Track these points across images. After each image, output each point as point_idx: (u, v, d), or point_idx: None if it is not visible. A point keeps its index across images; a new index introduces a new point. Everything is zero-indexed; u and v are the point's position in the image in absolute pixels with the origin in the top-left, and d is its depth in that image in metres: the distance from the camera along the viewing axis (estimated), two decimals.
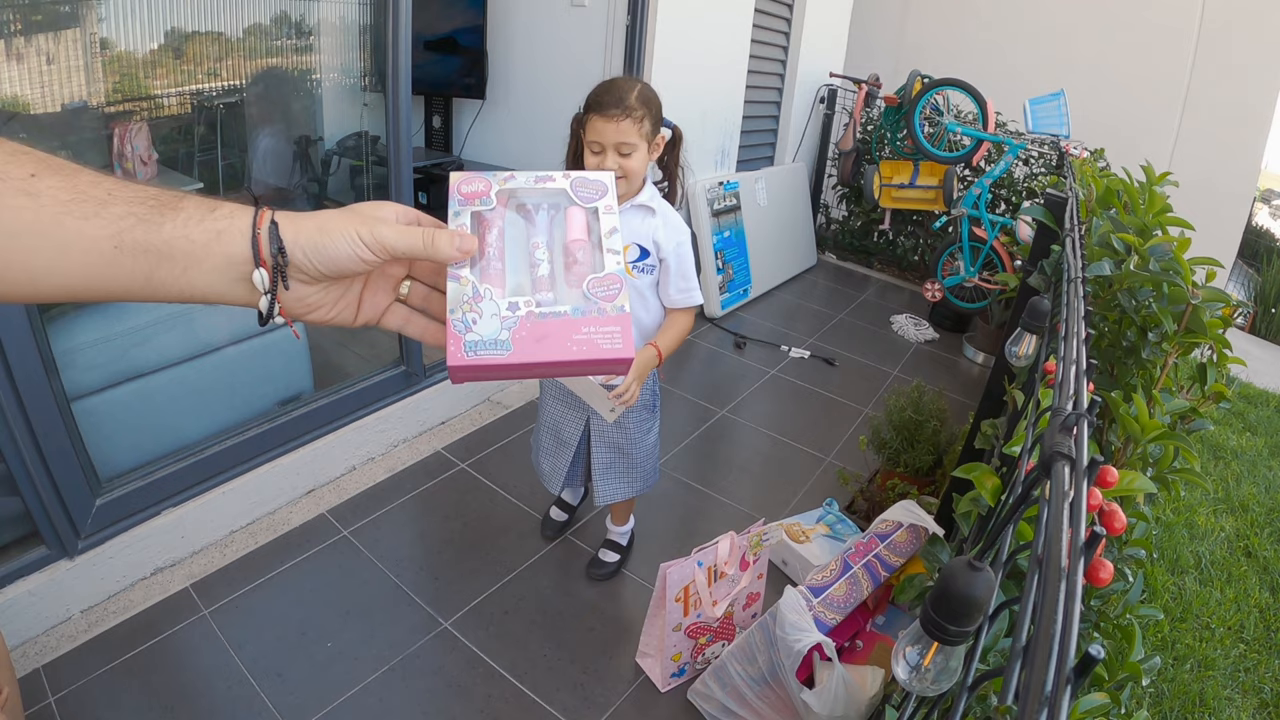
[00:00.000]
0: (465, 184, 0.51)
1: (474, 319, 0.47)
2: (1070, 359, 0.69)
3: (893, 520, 1.61)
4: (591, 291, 0.48)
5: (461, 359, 0.46)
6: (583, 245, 0.50)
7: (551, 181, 0.52)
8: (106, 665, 1.49)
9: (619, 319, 0.47)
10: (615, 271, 0.49)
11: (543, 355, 0.46)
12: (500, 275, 0.49)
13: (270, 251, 0.42)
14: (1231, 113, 4.24)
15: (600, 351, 0.46)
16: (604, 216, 0.51)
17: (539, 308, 0.48)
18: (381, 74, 2.06)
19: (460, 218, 0.50)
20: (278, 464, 1.95)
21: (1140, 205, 1.25)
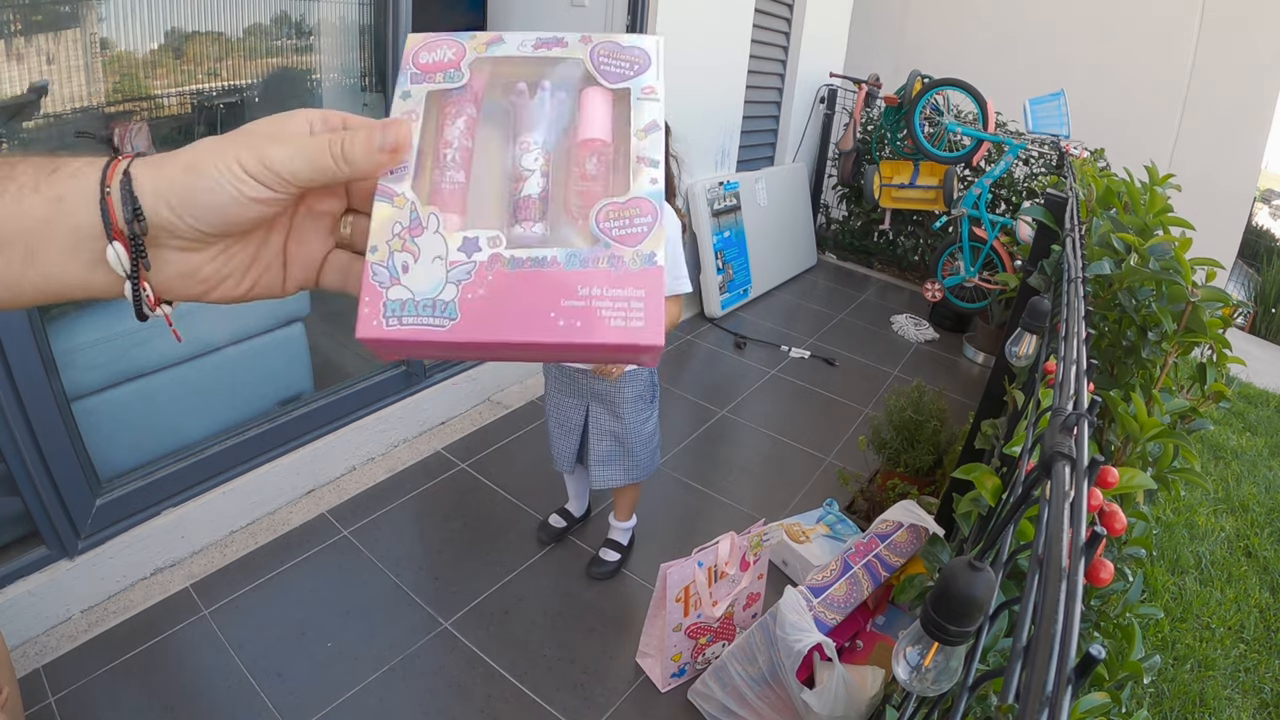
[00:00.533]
0: (426, 49, 0.35)
1: (405, 262, 0.31)
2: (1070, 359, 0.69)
3: (893, 520, 1.61)
4: (604, 226, 0.31)
5: (377, 328, 0.30)
6: (599, 150, 0.33)
7: (561, 46, 0.35)
8: (106, 665, 1.49)
9: (645, 277, 0.30)
10: (648, 195, 0.31)
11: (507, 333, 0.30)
12: (460, 193, 0.33)
13: (124, 215, 0.30)
14: (1231, 113, 4.24)
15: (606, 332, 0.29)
16: (640, 103, 0.33)
17: (512, 249, 0.31)
18: (381, 73, 2.06)
19: (410, 100, 0.34)
20: (278, 464, 1.95)
21: (1140, 205, 1.25)
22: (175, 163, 0.31)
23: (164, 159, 0.32)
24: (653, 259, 0.30)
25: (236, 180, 0.30)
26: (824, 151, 4.47)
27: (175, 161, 0.31)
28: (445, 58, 0.34)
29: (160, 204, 0.31)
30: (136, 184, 0.31)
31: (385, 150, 0.32)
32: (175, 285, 0.33)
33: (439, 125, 0.34)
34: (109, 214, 0.30)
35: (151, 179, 0.31)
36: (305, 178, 0.31)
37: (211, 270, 0.34)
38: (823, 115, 4.34)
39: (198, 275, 0.33)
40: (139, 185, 0.31)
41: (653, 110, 0.33)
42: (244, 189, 0.31)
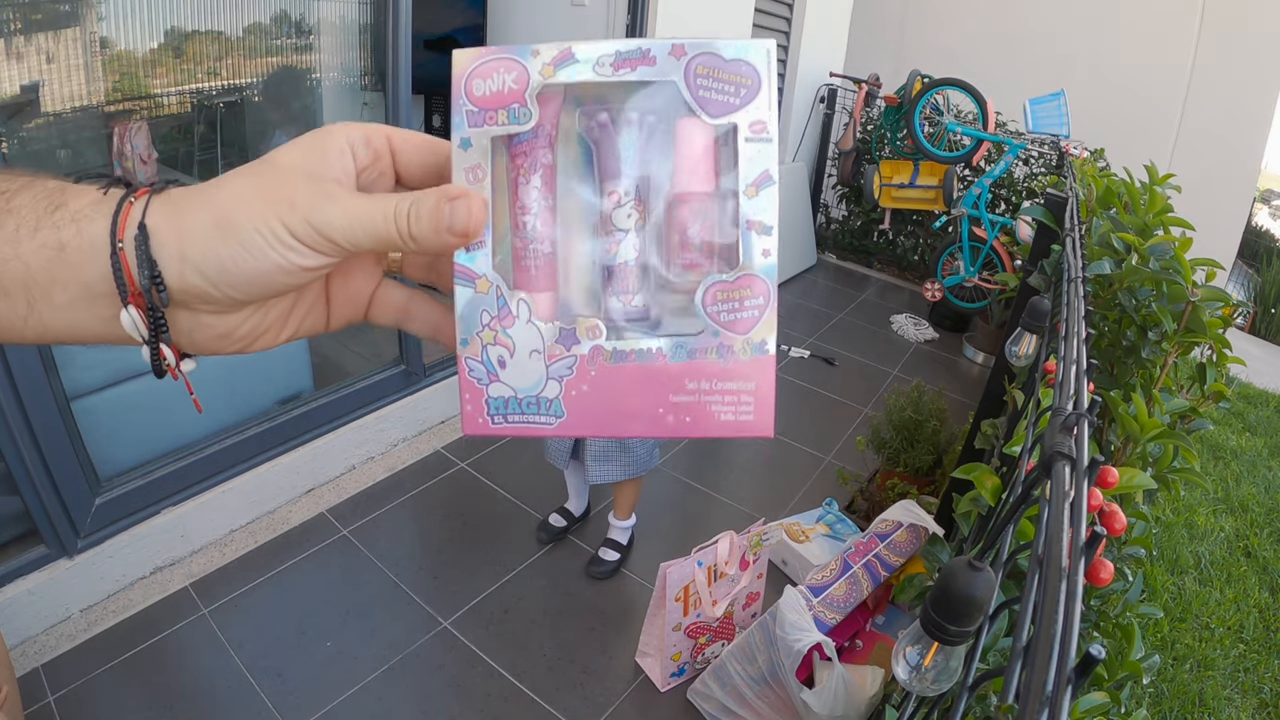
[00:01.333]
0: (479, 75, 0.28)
1: (501, 356, 0.28)
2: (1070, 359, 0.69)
3: (893, 520, 1.61)
4: (712, 310, 0.28)
5: (484, 425, 0.29)
6: (702, 209, 0.28)
7: (648, 64, 0.27)
8: (106, 664, 1.49)
9: (756, 367, 0.28)
10: (760, 272, 0.28)
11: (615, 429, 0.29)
12: (547, 268, 0.29)
13: (141, 279, 0.26)
14: (1231, 113, 4.24)
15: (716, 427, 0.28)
16: (749, 146, 0.27)
17: (613, 339, 0.28)
18: (381, 73, 2.06)
19: (471, 152, 0.28)
20: (277, 463, 1.94)
21: (1140, 205, 1.25)
22: (202, 215, 0.26)
23: (186, 205, 0.26)
24: (764, 347, 0.28)
25: (284, 248, 0.26)
26: (824, 151, 4.47)
27: (202, 213, 0.26)
28: (505, 87, 0.27)
29: (188, 270, 0.26)
30: (156, 240, 0.26)
31: (455, 234, 0.27)
32: (208, 344, 0.29)
33: (512, 182, 0.29)
34: (123, 274, 0.26)
35: (175, 236, 0.26)
36: (365, 246, 0.27)
37: (249, 328, 0.30)
38: (823, 115, 4.34)
39: (234, 335, 0.29)
40: (159, 242, 0.26)
41: (765, 156, 0.27)
42: (293, 257, 0.26)
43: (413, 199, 0.27)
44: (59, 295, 0.26)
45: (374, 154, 0.29)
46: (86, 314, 0.27)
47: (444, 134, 0.30)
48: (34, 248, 0.26)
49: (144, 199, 0.27)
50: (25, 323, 0.27)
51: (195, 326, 0.28)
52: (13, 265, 0.26)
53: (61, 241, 0.26)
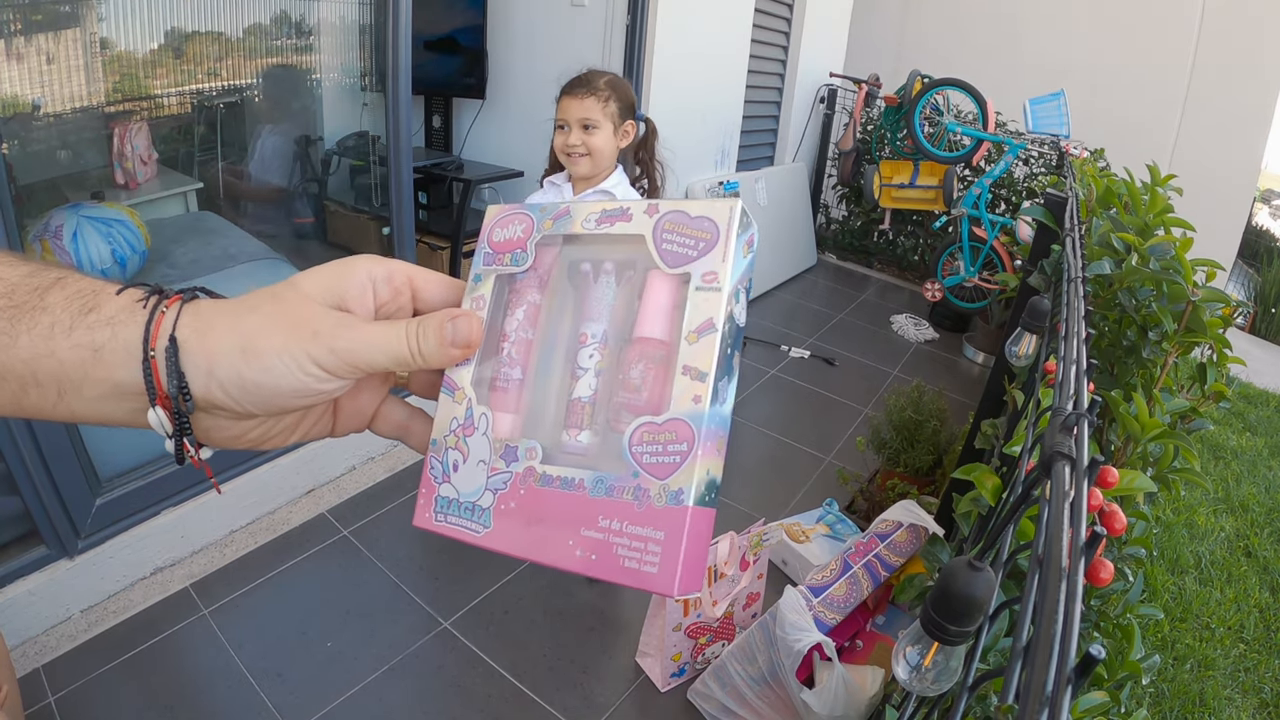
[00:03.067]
0: (501, 224, 0.33)
1: (455, 460, 0.31)
2: (1070, 359, 0.69)
3: (893, 520, 1.61)
4: (636, 450, 0.28)
5: (427, 521, 0.32)
6: (650, 354, 0.30)
7: (625, 220, 0.31)
8: (106, 665, 1.49)
9: (669, 517, 0.27)
10: (685, 417, 0.27)
11: (529, 552, 0.29)
12: (514, 392, 0.32)
13: (169, 388, 0.28)
14: (1231, 113, 4.24)
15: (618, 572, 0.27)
16: (697, 294, 0.29)
17: (546, 464, 0.30)
18: (381, 73, 2.06)
19: (480, 285, 0.33)
20: (277, 464, 1.95)
21: (1141, 205, 1.25)
22: (230, 339, 0.29)
23: (215, 323, 0.29)
24: (680, 497, 0.27)
25: (306, 375, 0.29)
26: (824, 151, 4.47)
27: (230, 337, 0.29)
28: (514, 235, 0.33)
29: (213, 385, 0.29)
30: (185, 354, 0.28)
31: (457, 346, 0.31)
32: (224, 443, 0.33)
33: (507, 312, 0.33)
34: (153, 380, 0.28)
35: (205, 355, 0.28)
36: (381, 367, 0.30)
37: (260, 433, 0.33)
38: (823, 115, 4.34)
39: (247, 437, 0.33)
40: (188, 356, 0.28)
41: (710, 304, 0.28)
42: (313, 383, 0.29)
43: (420, 321, 0.31)
44: (89, 390, 0.29)
45: (394, 291, 0.32)
46: (115, 406, 0.30)
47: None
48: (69, 346, 0.28)
49: (175, 307, 0.29)
50: (54, 408, 0.29)
51: (212, 427, 0.31)
52: (47, 362, 0.28)
53: (96, 344, 0.28)
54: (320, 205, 2.49)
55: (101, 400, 0.29)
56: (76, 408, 0.29)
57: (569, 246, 0.33)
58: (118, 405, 0.30)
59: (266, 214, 2.40)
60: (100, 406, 0.29)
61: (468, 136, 3.42)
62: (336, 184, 2.49)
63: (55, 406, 0.29)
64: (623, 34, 2.75)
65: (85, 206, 1.70)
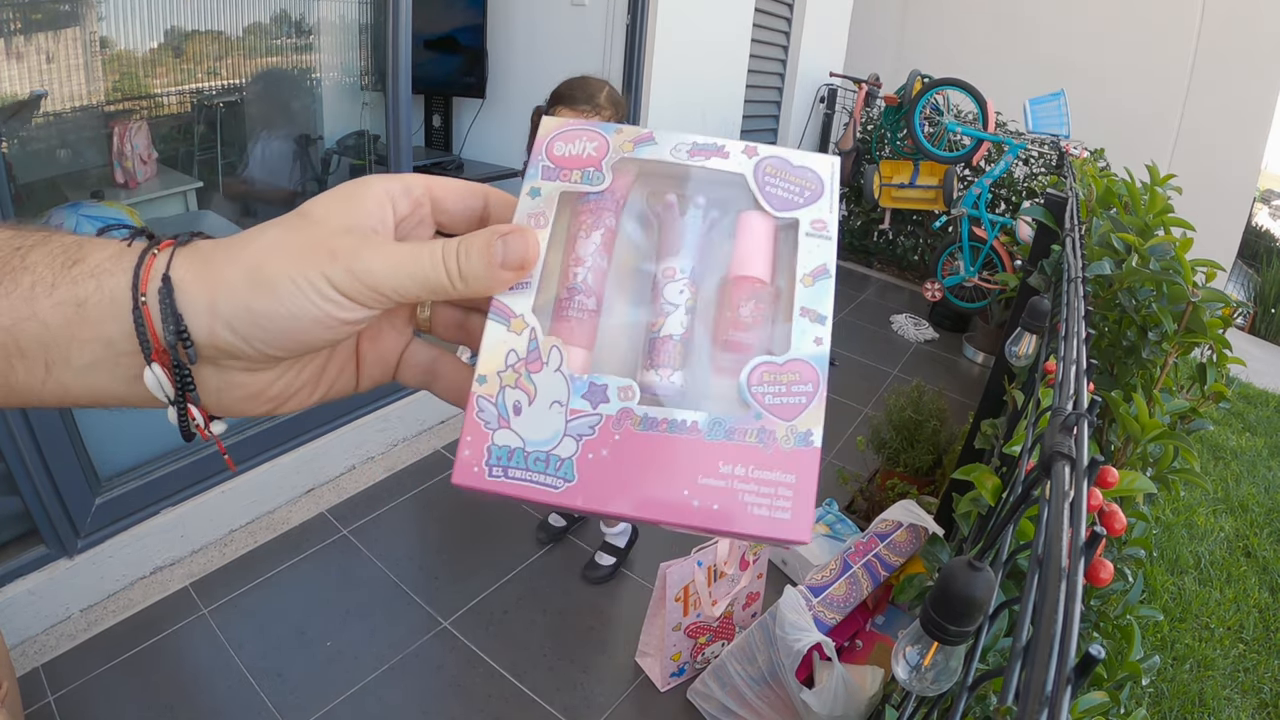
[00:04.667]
0: (563, 138, 0.30)
1: (518, 402, 0.26)
2: (1070, 359, 0.69)
3: (892, 520, 1.61)
4: (756, 391, 0.26)
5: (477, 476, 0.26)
6: (756, 292, 0.28)
7: (721, 156, 0.29)
8: (106, 664, 1.49)
9: (798, 459, 0.26)
10: (810, 359, 0.27)
11: (630, 507, 0.25)
12: (589, 324, 0.28)
13: (166, 335, 0.25)
14: (1231, 113, 4.24)
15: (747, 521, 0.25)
16: (808, 240, 0.28)
17: (645, 404, 0.26)
18: (381, 73, 2.06)
19: (538, 199, 0.29)
20: (277, 463, 1.94)
21: (1141, 205, 1.25)
22: (234, 268, 0.25)
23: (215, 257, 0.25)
24: (809, 438, 0.26)
25: (324, 301, 0.25)
26: (824, 151, 4.46)
27: (233, 266, 0.25)
28: (584, 152, 0.29)
29: (219, 326, 0.25)
30: (182, 294, 0.24)
31: (509, 268, 0.26)
32: (237, 404, 0.28)
33: (570, 235, 0.29)
34: (146, 330, 0.24)
35: (205, 290, 0.24)
36: (413, 295, 0.26)
37: (280, 388, 0.28)
38: (823, 115, 4.34)
39: (264, 395, 0.28)
40: (186, 296, 0.24)
41: (824, 251, 0.28)
42: (334, 311, 0.25)
43: (461, 240, 0.26)
44: (78, 356, 0.25)
45: (413, 203, 0.29)
46: (109, 376, 0.26)
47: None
48: (51, 305, 0.24)
49: (168, 251, 0.25)
50: (44, 385, 0.25)
51: (224, 386, 0.27)
52: (29, 325, 0.24)
53: (80, 298, 0.24)
54: None
55: (94, 369, 0.25)
56: (68, 381, 0.25)
57: (651, 175, 0.30)
58: (112, 373, 0.25)
59: (266, 213, 2.40)
60: (93, 378, 0.25)
61: (468, 136, 3.42)
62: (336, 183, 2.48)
63: (45, 384, 0.25)
64: (623, 34, 2.75)
65: (85, 205, 1.70)
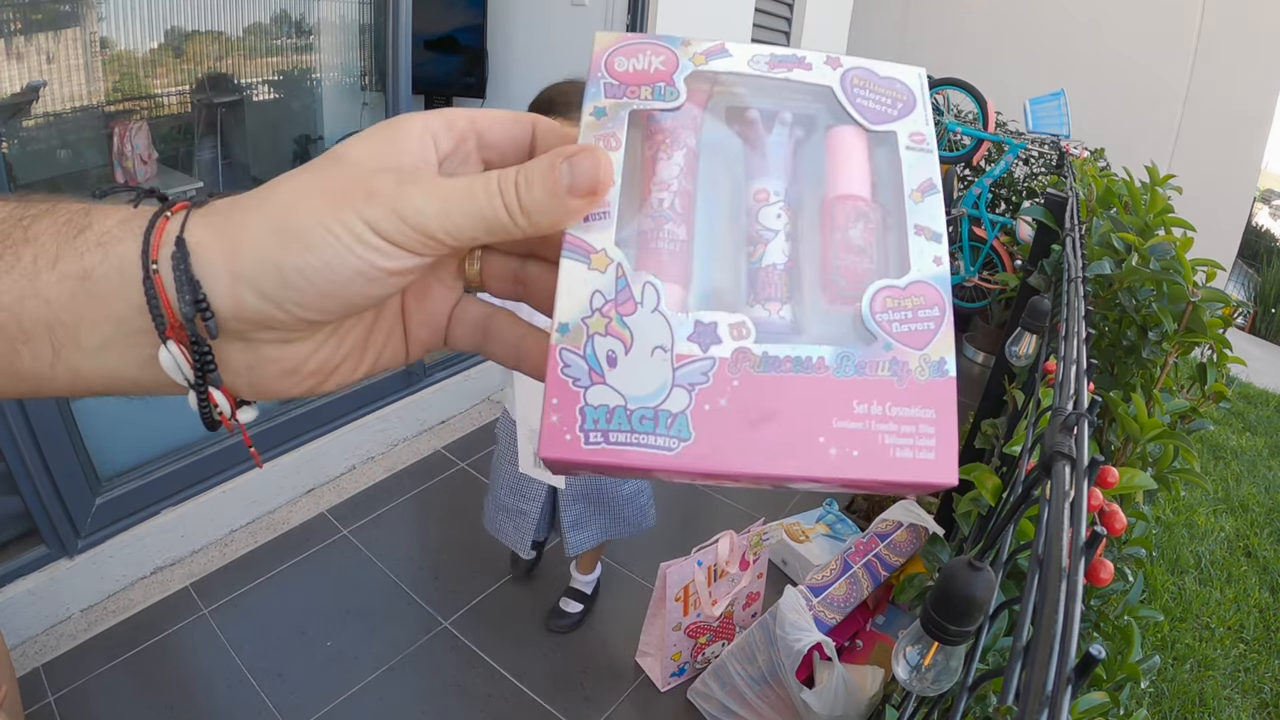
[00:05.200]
0: (623, 53, 0.26)
1: (612, 351, 0.23)
2: (1070, 358, 0.69)
3: (893, 520, 1.61)
4: (881, 318, 0.24)
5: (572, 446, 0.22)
6: (862, 210, 0.26)
7: (803, 68, 0.26)
8: (106, 664, 1.49)
9: (936, 391, 0.23)
10: (933, 280, 0.24)
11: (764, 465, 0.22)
12: (682, 256, 0.25)
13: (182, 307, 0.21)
14: (1231, 113, 4.23)
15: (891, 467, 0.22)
16: (911, 153, 0.26)
17: (762, 342, 0.23)
18: (381, 73, 2.06)
19: (605, 121, 0.25)
20: (278, 463, 1.94)
21: (1141, 205, 1.25)
22: (257, 222, 0.21)
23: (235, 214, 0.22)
24: (943, 367, 0.23)
25: (366, 249, 0.21)
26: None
27: (256, 219, 0.21)
28: (652, 66, 0.26)
29: (244, 290, 0.21)
30: (199, 258, 0.21)
31: (578, 194, 0.22)
32: (270, 384, 0.24)
33: (648, 158, 0.25)
34: (159, 302, 0.21)
35: (224, 251, 0.21)
36: (468, 237, 0.22)
37: (320, 361, 0.24)
38: None
39: (303, 370, 0.24)
40: (203, 260, 0.21)
41: (928, 165, 0.26)
42: (378, 259, 0.21)
43: (520, 168, 0.23)
44: (87, 337, 0.22)
45: (457, 138, 0.25)
46: (121, 357, 0.22)
47: None
48: (54, 280, 0.21)
49: (182, 213, 0.22)
50: (53, 370, 0.22)
51: (255, 362, 0.23)
52: (31, 303, 0.21)
53: (85, 270, 0.21)
54: None
55: (105, 350, 0.22)
56: (79, 365, 0.22)
57: (728, 88, 0.27)
58: (124, 354, 0.22)
59: None
60: (105, 360, 0.22)
61: None
62: None
63: (54, 369, 0.22)
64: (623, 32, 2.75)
65: None
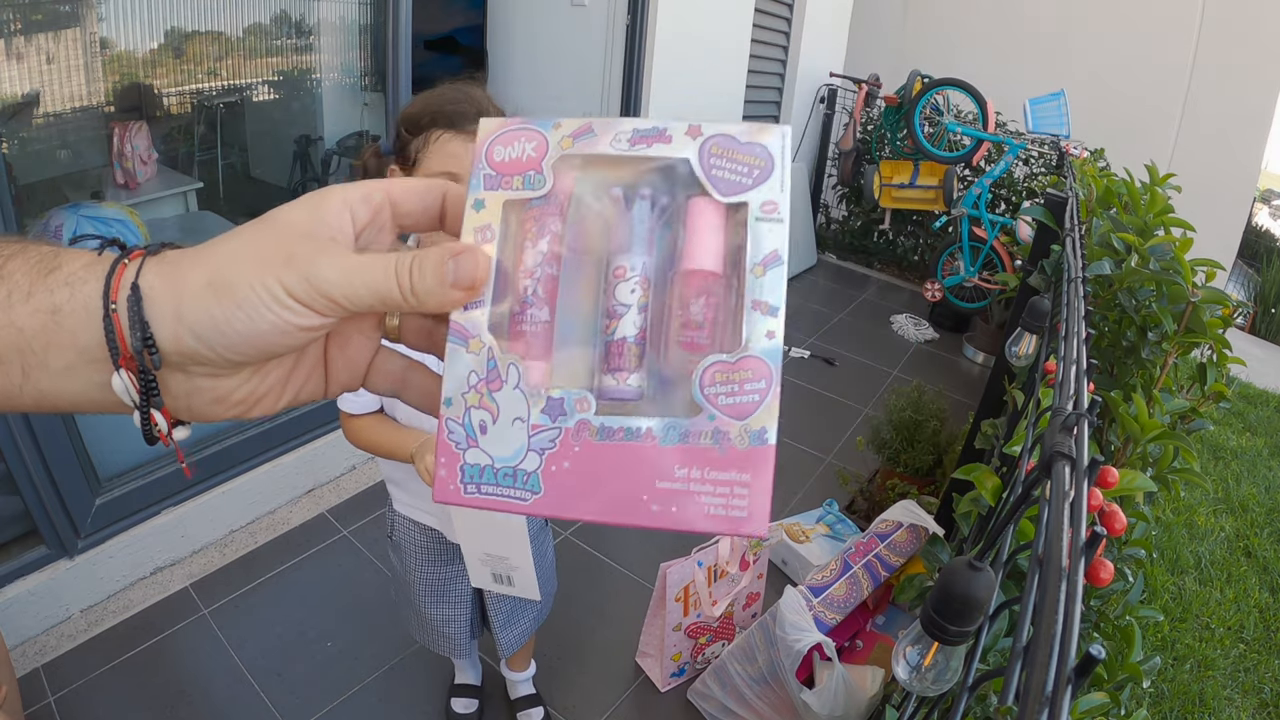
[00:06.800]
0: (501, 141, 0.29)
1: (483, 421, 0.27)
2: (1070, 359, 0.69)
3: (893, 520, 1.61)
4: (709, 392, 0.26)
5: (455, 494, 0.27)
6: (708, 287, 0.27)
7: (664, 141, 0.28)
8: (106, 665, 1.49)
9: (753, 458, 0.26)
10: (762, 354, 0.26)
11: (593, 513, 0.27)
12: (544, 336, 0.28)
13: (133, 341, 0.25)
14: (1231, 113, 4.23)
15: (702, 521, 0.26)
16: (759, 225, 0.27)
17: (602, 414, 0.27)
18: (381, 73, 2.06)
19: (483, 212, 0.28)
20: (278, 463, 1.94)
21: (1140, 205, 1.25)
22: (197, 275, 0.26)
23: (180, 265, 0.26)
24: (763, 436, 0.26)
25: (280, 307, 0.25)
26: (824, 151, 4.46)
27: (196, 273, 0.26)
28: (524, 155, 0.28)
29: (183, 332, 0.25)
30: (150, 301, 0.25)
31: (460, 288, 0.27)
32: (204, 409, 0.28)
33: (518, 245, 0.28)
34: (115, 336, 0.25)
35: (171, 297, 0.25)
36: (365, 304, 0.26)
37: (245, 393, 0.29)
38: (823, 115, 4.34)
39: (230, 400, 0.28)
40: (153, 303, 0.25)
41: (776, 236, 0.27)
42: (290, 317, 0.26)
43: (415, 254, 0.27)
44: (55, 361, 0.26)
45: (373, 210, 0.29)
46: (83, 381, 0.27)
47: None
48: (28, 312, 0.25)
49: (138, 260, 0.26)
50: (21, 390, 0.26)
51: (191, 390, 0.28)
52: (6, 332, 0.25)
53: (56, 305, 0.25)
54: None
55: (68, 374, 0.26)
56: (44, 387, 0.26)
57: (592, 169, 0.29)
58: (85, 379, 0.27)
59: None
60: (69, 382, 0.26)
61: None
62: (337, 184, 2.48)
63: (22, 389, 0.26)
64: (623, 34, 2.75)
65: (85, 206, 1.70)
